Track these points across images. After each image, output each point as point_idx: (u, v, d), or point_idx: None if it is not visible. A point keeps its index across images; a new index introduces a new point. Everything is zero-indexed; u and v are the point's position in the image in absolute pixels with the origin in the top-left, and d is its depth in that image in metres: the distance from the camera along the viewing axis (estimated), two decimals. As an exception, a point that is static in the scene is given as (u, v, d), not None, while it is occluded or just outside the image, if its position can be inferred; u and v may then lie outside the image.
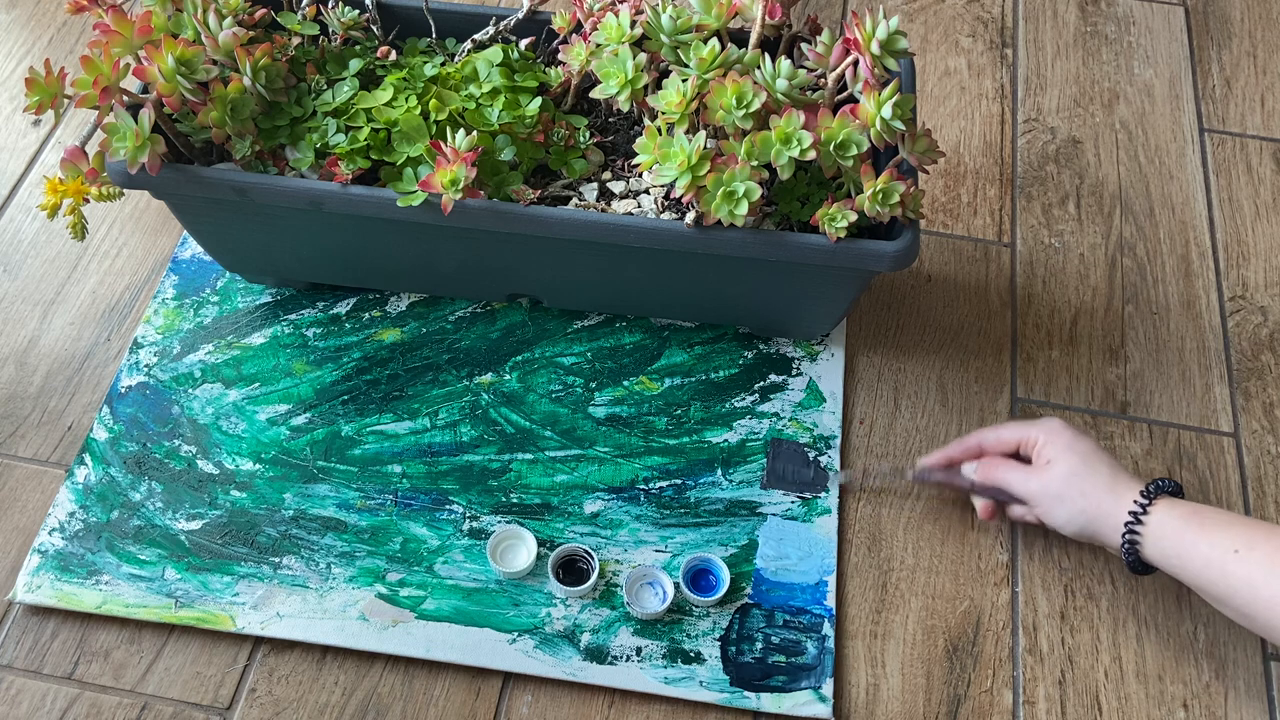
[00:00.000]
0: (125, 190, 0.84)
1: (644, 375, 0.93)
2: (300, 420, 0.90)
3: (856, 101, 0.78)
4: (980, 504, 0.84)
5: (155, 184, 0.81)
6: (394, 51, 0.90)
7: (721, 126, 0.78)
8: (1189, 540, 0.72)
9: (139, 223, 1.02)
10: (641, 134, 0.83)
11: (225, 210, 0.85)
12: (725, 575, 0.82)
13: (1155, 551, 0.74)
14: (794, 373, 0.93)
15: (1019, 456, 0.82)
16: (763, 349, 0.94)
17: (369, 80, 0.89)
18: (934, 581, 0.84)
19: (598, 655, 0.79)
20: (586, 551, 0.82)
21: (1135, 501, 0.75)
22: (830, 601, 0.82)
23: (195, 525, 0.84)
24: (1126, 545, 0.75)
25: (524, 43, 0.91)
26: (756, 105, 0.76)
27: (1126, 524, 0.74)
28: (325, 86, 0.87)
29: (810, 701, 0.78)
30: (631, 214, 0.84)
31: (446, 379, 0.92)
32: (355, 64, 0.88)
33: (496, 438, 0.89)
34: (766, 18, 0.81)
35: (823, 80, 0.82)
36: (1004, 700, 0.80)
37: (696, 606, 0.82)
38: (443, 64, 0.89)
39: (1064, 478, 0.77)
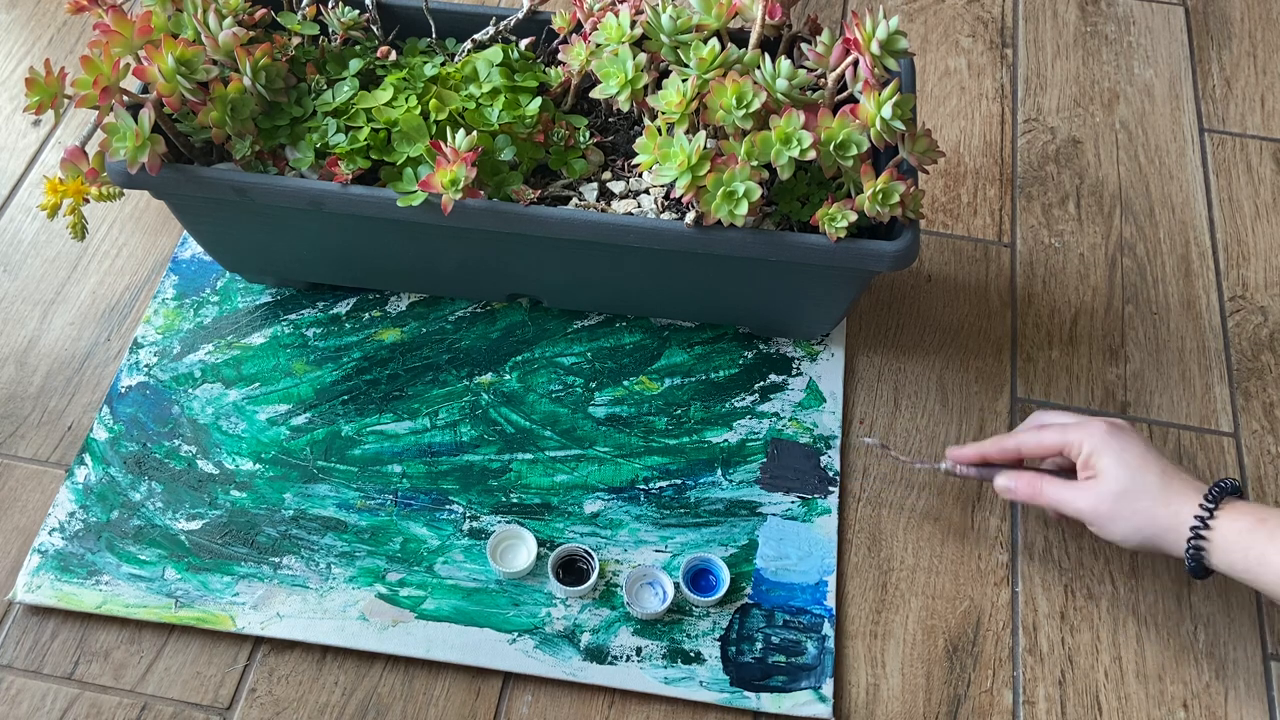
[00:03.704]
0: (125, 190, 0.84)
1: (644, 375, 0.93)
2: (300, 420, 0.90)
3: (856, 101, 0.78)
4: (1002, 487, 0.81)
5: (155, 184, 0.81)
6: (394, 51, 0.90)
7: (721, 126, 0.78)
8: (1259, 552, 0.70)
9: (139, 223, 1.02)
10: (641, 134, 0.83)
11: (225, 210, 0.85)
12: (725, 575, 0.81)
13: (1223, 563, 0.71)
14: (794, 373, 0.93)
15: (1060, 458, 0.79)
16: (763, 349, 0.94)
17: (369, 80, 0.89)
18: (934, 581, 0.84)
19: (598, 655, 0.79)
20: (586, 551, 0.82)
21: (1195, 516, 0.72)
22: (830, 601, 0.82)
23: (195, 525, 0.84)
24: (1191, 559, 0.72)
25: (524, 43, 0.91)
26: (756, 105, 0.76)
27: (1190, 539, 0.72)
28: (325, 86, 0.87)
29: (810, 701, 0.78)
30: (631, 214, 0.84)
31: (446, 379, 0.92)
32: (355, 64, 0.88)
33: (496, 438, 0.89)
34: (766, 18, 0.81)
35: (823, 80, 0.82)
36: (1004, 700, 0.80)
37: (696, 606, 0.82)
38: (443, 64, 0.89)
39: (1114, 496, 0.74)
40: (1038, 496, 0.78)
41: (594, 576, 0.81)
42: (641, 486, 0.87)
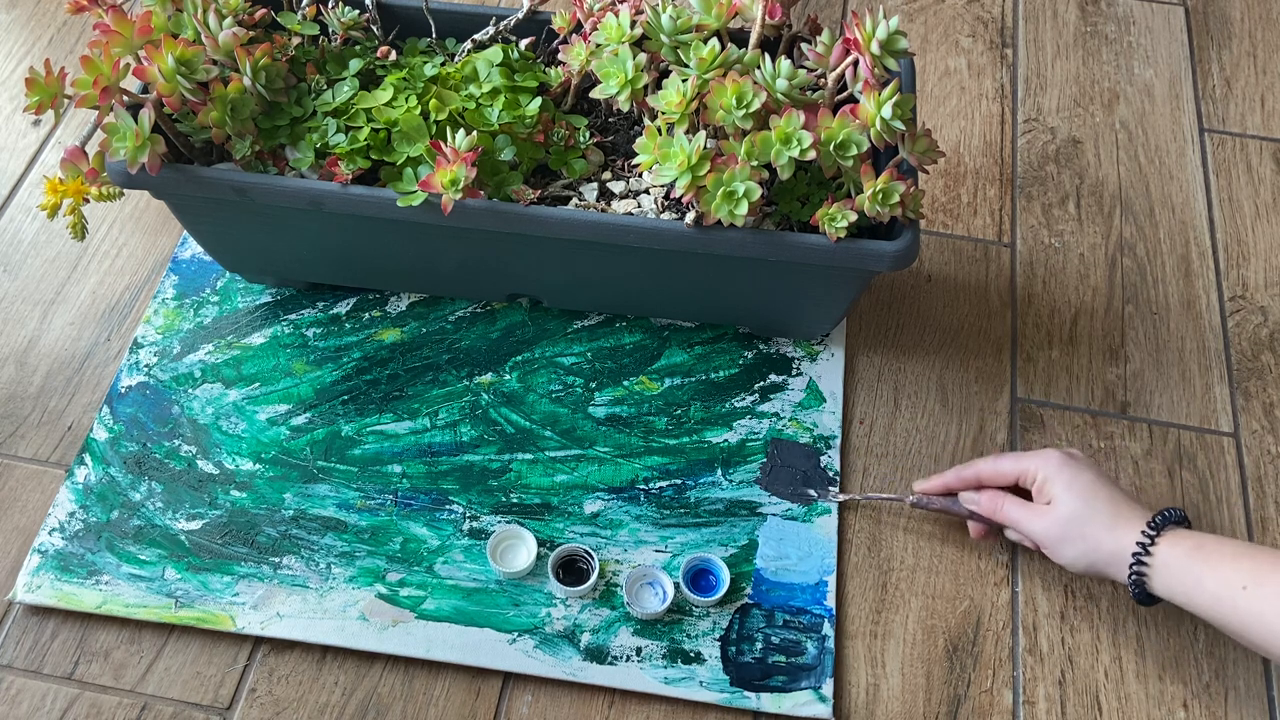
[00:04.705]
0: (125, 190, 0.84)
1: (644, 375, 0.93)
2: (300, 420, 0.90)
3: (856, 101, 0.78)
4: (974, 527, 0.84)
5: (155, 184, 0.81)
6: (394, 51, 0.90)
7: (721, 126, 0.78)
8: (1195, 576, 0.71)
9: (139, 223, 1.02)
10: (641, 134, 0.83)
11: (225, 210, 0.85)
12: (725, 575, 0.81)
13: (1163, 588, 0.73)
14: (794, 373, 0.93)
15: (1018, 487, 0.81)
16: (763, 349, 0.94)
17: (369, 80, 0.89)
18: (934, 581, 0.84)
19: (598, 655, 0.79)
20: (586, 551, 0.82)
21: (1137, 543, 0.73)
22: (830, 601, 0.82)
23: (195, 525, 0.84)
24: (1134, 583, 0.74)
25: (524, 43, 0.91)
26: (756, 105, 0.76)
27: (1132, 564, 0.73)
28: (325, 86, 0.87)
29: (810, 701, 0.78)
30: (631, 214, 0.84)
31: (446, 379, 0.92)
32: (355, 64, 0.88)
33: (496, 438, 0.89)
34: (766, 18, 0.81)
35: (823, 80, 0.82)
36: (1004, 700, 0.80)
37: (696, 606, 0.82)
38: (443, 64, 0.89)
39: (1065, 521, 0.76)
40: (998, 512, 0.81)
41: (594, 576, 0.81)
42: (641, 486, 0.87)
